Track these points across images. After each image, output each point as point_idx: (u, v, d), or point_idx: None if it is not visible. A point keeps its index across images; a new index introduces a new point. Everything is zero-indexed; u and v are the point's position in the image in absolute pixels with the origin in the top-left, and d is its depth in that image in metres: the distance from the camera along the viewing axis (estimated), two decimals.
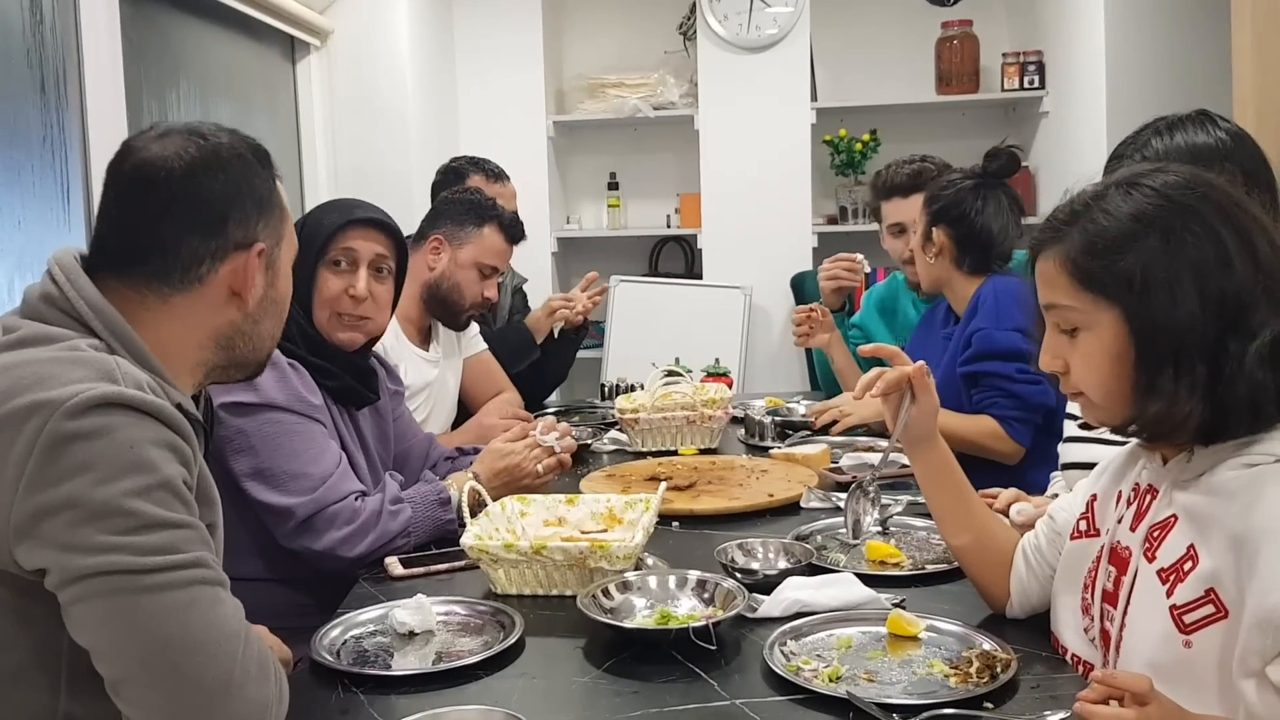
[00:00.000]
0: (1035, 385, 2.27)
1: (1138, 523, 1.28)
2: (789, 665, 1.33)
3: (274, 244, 1.30)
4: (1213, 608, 1.16)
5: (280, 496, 1.77)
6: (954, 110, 4.65)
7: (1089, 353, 1.25)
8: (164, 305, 1.23)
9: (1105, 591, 1.30)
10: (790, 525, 1.93)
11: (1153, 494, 1.27)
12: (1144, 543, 1.25)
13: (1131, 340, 1.21)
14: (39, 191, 2.29)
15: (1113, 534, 1.32)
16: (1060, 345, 1.29)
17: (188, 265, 1.23)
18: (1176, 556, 1.20)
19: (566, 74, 4.84)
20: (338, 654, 1.46)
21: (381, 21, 3.92)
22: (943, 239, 2.42)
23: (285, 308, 1.36)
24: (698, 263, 4.67)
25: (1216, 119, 1.70)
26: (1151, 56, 3.78)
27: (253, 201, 1.27)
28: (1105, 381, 1.25)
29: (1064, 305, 1.27)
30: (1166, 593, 1.20)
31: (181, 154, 1.23)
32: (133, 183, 1.24)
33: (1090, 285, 1.24)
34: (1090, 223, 1.25)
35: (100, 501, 1.05)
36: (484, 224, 2.72)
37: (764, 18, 4.37)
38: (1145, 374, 1.21)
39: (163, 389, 1.18)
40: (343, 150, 3.96)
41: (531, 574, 1.64)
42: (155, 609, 1.06)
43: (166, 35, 3.03)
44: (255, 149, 1.30)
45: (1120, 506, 1.33)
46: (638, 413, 2.59)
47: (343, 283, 1.99)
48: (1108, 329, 1.23)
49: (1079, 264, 1.24)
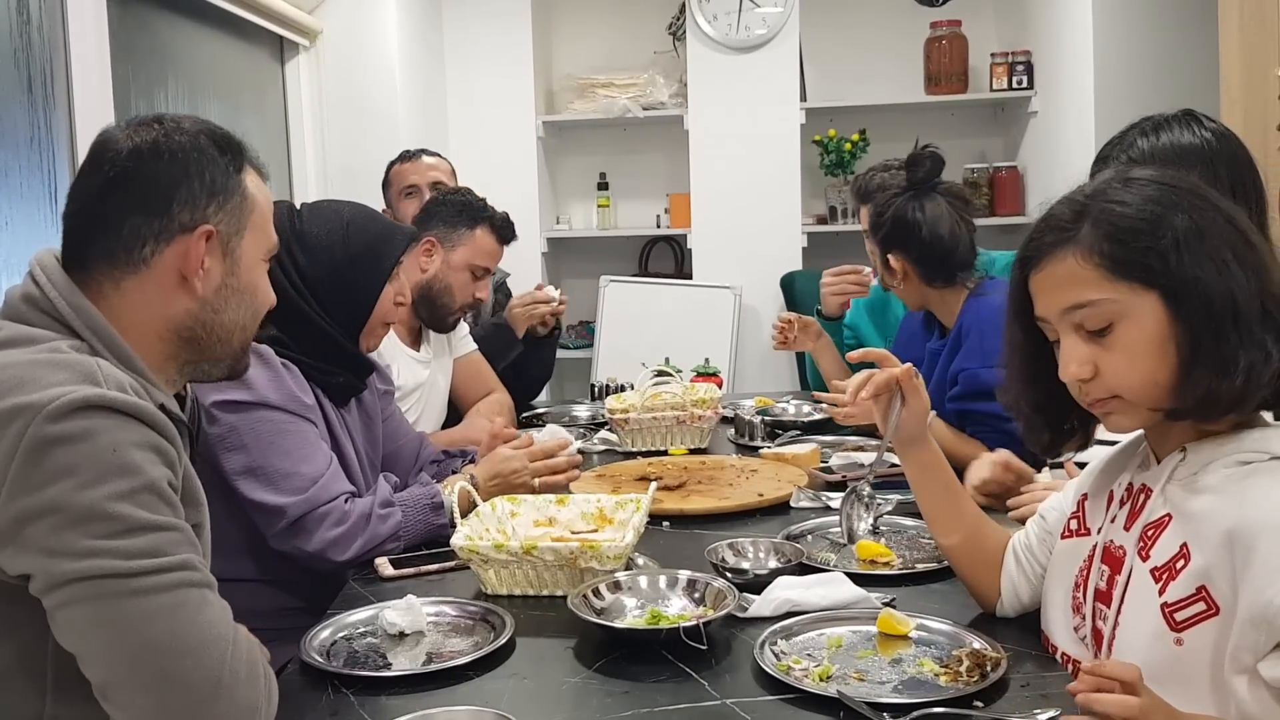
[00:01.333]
0: None
1: (1131, 522, 1.28)
2: (780, 665, 1.34)
3: (232, 231, 1.28)
4: (1204, 605, 1.16)
5: (272, 495, 1.77)
6: (943, 110, 4.66)
7: (1128, 345, 1.20)
8: (116, 290, 1.23)
9: (1098, 590, 1.30)
10: (780, 525, 1.93)
11: (1146, 493, 1.27)
12: (1138, 542, 1.25)
13: (1176, 321, 1.18)
14: (26, 193, 2.28)
15: (1105, 533, 1.32)
16: (1087, 350, 1.22)
17: (130, 245, 1.22)
18: (1169, 555, 1.20)
19: (556, 74, 4.84)
20: (328, 655, 1.45)
21: (371, 21, 3.91)
22: (901, 264, 2.37)
23: (254, 300, 1.33)
24: (687, 263, 4.67)
25: (1202, 119, 1.70)
26: (1139, 57, 3.80)
27: (202, 184, 1.25)
28: (1149, 372, 1.20)
29: (1096, 300, 1.21)
30: (1159, 591, 1.20)
31: (133, 135, 1.24)
32: (88, 161, 1.24)
33: (1126, 272, 1.19)
34: (1103, 214, 1.21)
35: (84, 506, 1.05)
36: (476, 225, 2.73)
37: (753, 18, 4.37)
38: (1195, 350, 1.17)
39: (145, 390, 1.17)
40: (332, 150, 3.96)
41: (522, 574, 1.64)
42: (141, 612, 1.06)
43: (155, 35, 3.02)
44: (218, 136, 1.29)
45: (1113, 506, 1.33)
46: (628, 413, 2.59)
47: (393, 291, 2.04)
48: (1149, 315, 1.19)
49: (1108, 253, 1.20)
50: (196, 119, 1.30)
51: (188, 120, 1.29)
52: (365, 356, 2.04)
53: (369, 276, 1.98)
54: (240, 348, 1.34)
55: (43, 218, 2.33)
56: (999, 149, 4.73)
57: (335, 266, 1.93)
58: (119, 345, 1.19)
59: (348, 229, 1.96)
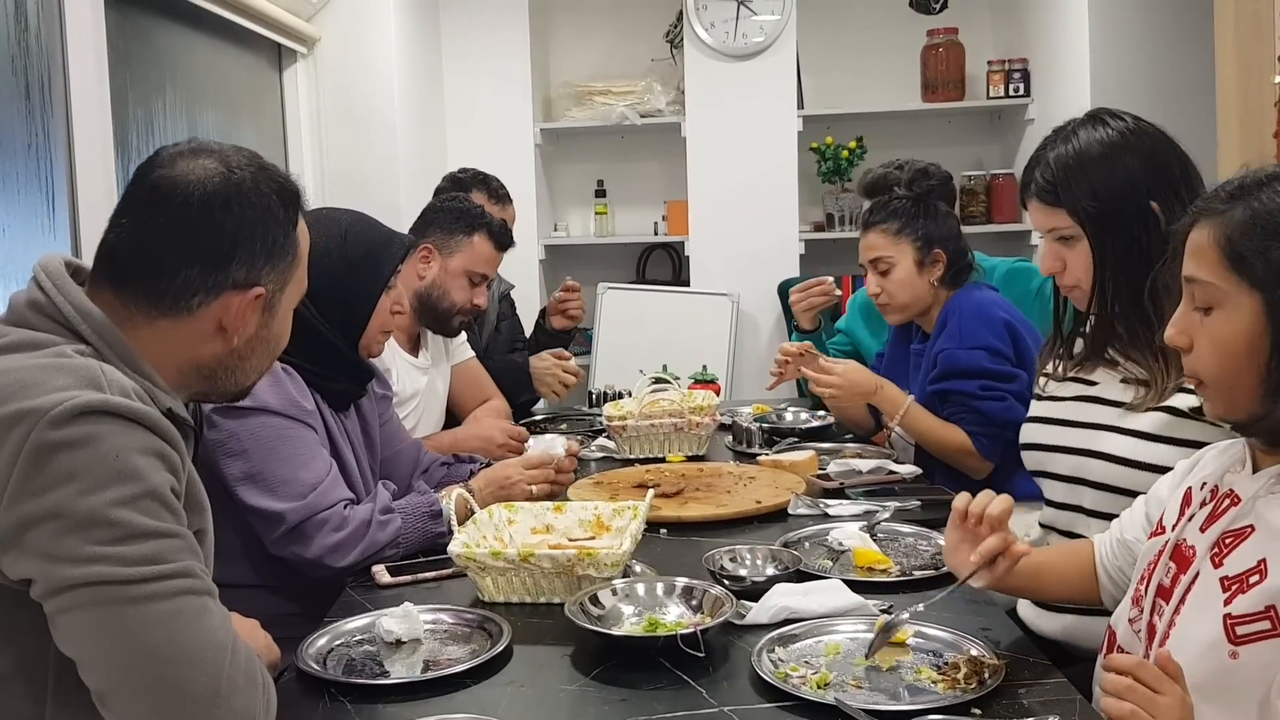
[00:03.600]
0: (1000, 402, 2.28)
1: (1209, 524, 1.26)
2: (777, 672, 1.33)
3: (277, 289, 1.29)
4: (1269, 624, 1.15)
5: (272, 501, 1.77)
6: (940, 117, 4.67)
7: (1218, 333, 1.22)
8: (149, 325, 1.22)
9: (1160, 586, 1.29)
10: (778, 532, 1.93)
11: (1233, 500, 1.26)
12: (1213, 546, 1.24)
13: (1269, 333, 1.18)
14: (23, 199, 2.28)
15: (1179, 530, 1.31)
16: (1190, 321, 1.25)
17: (180, 294, 1.22)
18: (1245, 567, 1.19)
19: (554, 81, 4.85)
20: (324, 663, 1.45)
21: (369, 29, 3.91)
22: (941, 256, 2.45)
23: (278, 347, 1.35)
24: (685, 270, 4.67)
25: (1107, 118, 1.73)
26: (1135, 64, 3.81)
27: (264, 246, 1.25)
28: (1230, 367, 1.21)
29: (1205, 280, 1.22)
30: (1225, 600, 1.19)
31: (205, 181, 1.22)
32: (149, 197, 1.22)
33: (1239, 266, 1.20)
34: (1256, 203, 1.21)
35: (85, 511, 1.05)
36: (473, 232, 2.72)
37: (750, 25, 4.38)
38: (1276, 366, 1.17)
39: (151, 394, 1.17)
40: (330, 158, 3.95)
41: (519, 581, 1.63)
42: (141, 619, 1.06)
43: (153, 43, 3.02)
44: (284, 191, 1.29)
45: (1191, 505, 1.32)
46: (625, 420, 2.59)
47: (390, 300, 2.04)
48: (1245, 314, 1.19)
49: (1233, 241, 1.20)
50: (261, 160, 1.29)
51: (254, 167, 1.27)
52: (365, 362, 2.04)
53: (367, 284, 1.98)
54: (252, 386, 1.35)
55: (40, 224, 2.32)
56: (996, 156, 4.73)
57: (334, 274, 1.93)
58: (125, 348, 1.19)
59: (345, 237, 1.97)
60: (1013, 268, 2.93)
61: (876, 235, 2.50)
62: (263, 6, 3.43)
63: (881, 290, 2.49)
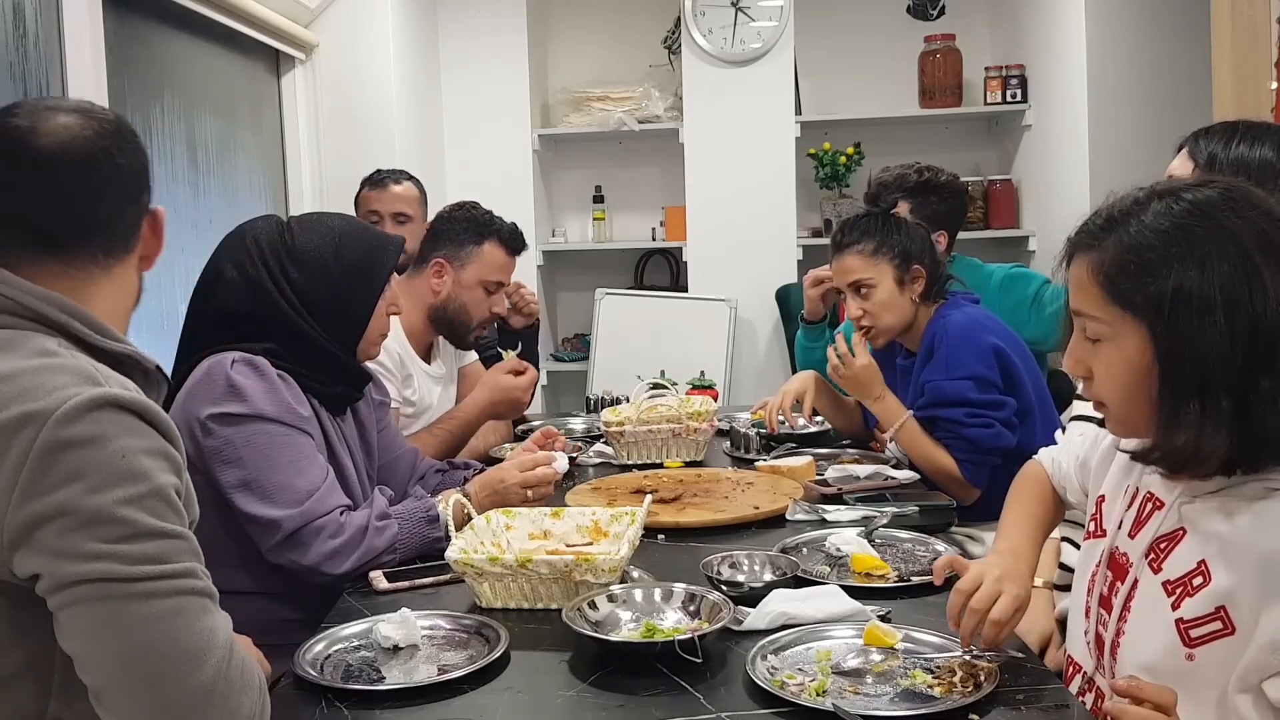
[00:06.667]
0: (987, 429, 2.26)
1: (1137, 530, 1.28)
2: (774, 679, 1.33)
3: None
4: (1221, 624, 1.16)
5: (268, 508, 1.76)
6: (937, 123, 4.68)
7: (1110, 362, 1.24)
8: (107, 276, 1.25)
9: (1101, 596, 1.30)
10: (776, 538, 1.93)
11: (1156, 504, 1.27)
12: (1148, 553, 1.25)
13: (1156, 363, 1.19)
14: None
15: (1113, 539, 1.32)
16: (1084, 350, 1.28)
17: (127, 235, 1.27)
18: (1185, 570, 1.20)
19: (552, 87, 4.85)
20: (322, 668, 1.45)
21: (367, 35, 3.92)
22: (921, 272, 2.40)
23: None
24: (683, 275, 4.67)
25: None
26: (1132, 70, 3.82)
27: (146, 168, 1.30)
28: (1125, 394, 1.23)
29: (1090, 314, 1.25)
30: (1172, 605, 1.20)
31: (100, 131, 1.24)
32: (62, 164, 1.20)
33: (1120, 300, 1.21)
34: (1126, 235, 1.22)
35: (92, 509, 1.06)
36: (484, 241, 2.69)
37: (748, 31, 4.39)
38: (1169, 401, 1.18)
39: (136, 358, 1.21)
40: (328, 163, 3.96)
41: (516, 587, 1.63)
42: (140, 617, 1.06)
43: (151, 49, 3.02)
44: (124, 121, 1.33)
45: (1121, 509, 1.34)
46: (623, 426, 2.59)
47: (385, 303, 2.04)
48: (1132, 344, 1.21)
49: (1110, 277, 1.22)
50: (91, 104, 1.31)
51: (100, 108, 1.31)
52: (362, 367, 2.04)
53: (363, 289, 1.98)
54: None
55: None
56: (993, 162, 4.74)
57: (329, 280, 1.92)
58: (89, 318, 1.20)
59: (339, 242, 1.96)
60: (1009, 274, 2.93)
61: (853, 258, 2.42)
62: (261, 12, 3.44)
63: (864, 313, 2.41)
